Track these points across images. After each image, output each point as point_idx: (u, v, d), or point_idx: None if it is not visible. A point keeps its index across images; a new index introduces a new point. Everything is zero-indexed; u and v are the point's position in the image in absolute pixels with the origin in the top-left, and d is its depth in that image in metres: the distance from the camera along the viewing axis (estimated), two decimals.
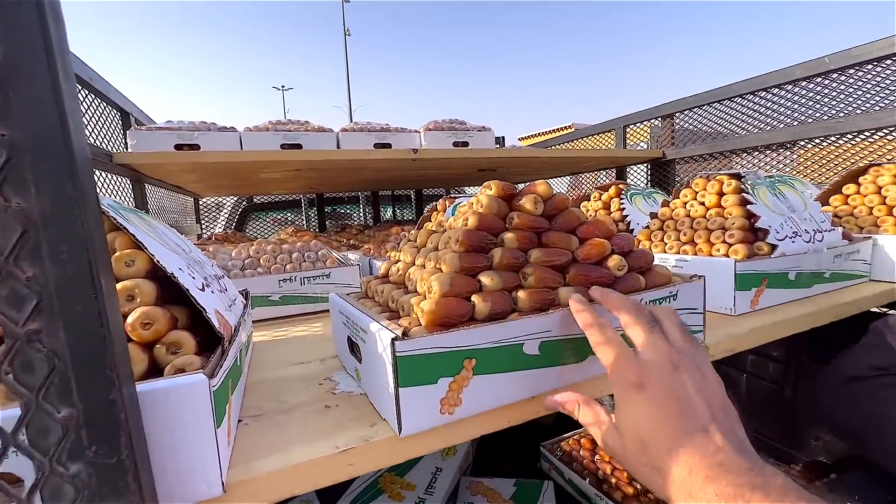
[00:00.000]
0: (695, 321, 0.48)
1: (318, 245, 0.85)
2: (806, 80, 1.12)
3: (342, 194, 2.35)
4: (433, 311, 0.35)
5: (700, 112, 1.44)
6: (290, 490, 0.30)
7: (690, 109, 1.45)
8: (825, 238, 0.68)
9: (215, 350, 0.32)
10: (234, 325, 0.39)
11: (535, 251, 0.43)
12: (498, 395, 0.37)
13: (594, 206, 0.97)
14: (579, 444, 1.23)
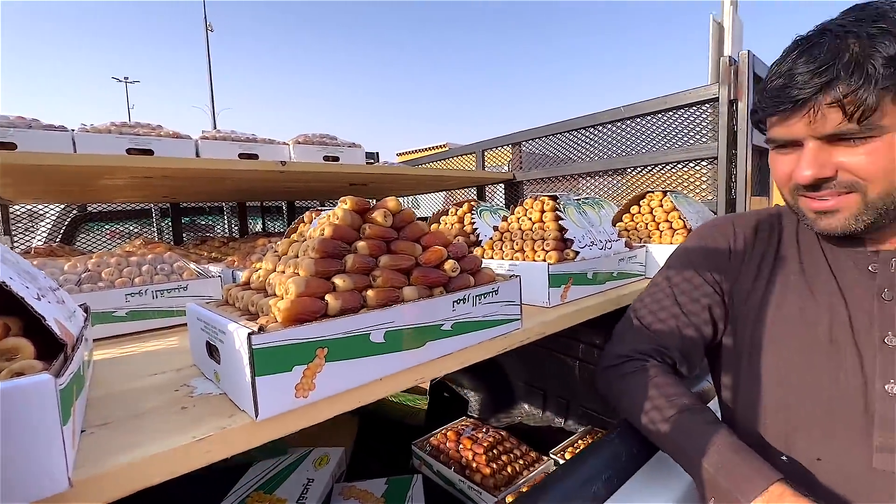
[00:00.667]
0: (513, 311, 0.61)
1: (172, 257, 0.81)
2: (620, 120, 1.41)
3: (203, 204, 2.16)
4: (289, 309, 0.40)
5: (547, 140, 1.70)
6: (144, 481, 0.32)
7: (536, 139, 1.72)
8: (613, 246, 0.90)
9: (56, 358, 0.33)
10: (75, 335, 0.39)
11: (384, 257, 0.51)
12: (349, 379, 0.43)
13: (451, 220, 1.10)
14: (445, 437, 1.35)
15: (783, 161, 0.57)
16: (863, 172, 0.51)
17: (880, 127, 0.49)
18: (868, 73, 0.47)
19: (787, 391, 0.58)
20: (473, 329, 0.56)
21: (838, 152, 0.52)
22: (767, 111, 0.55)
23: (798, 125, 0.52)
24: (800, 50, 0.52)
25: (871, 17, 0.50)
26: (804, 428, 0.57)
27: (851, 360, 0.55)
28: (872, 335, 0.54)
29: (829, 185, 0.53)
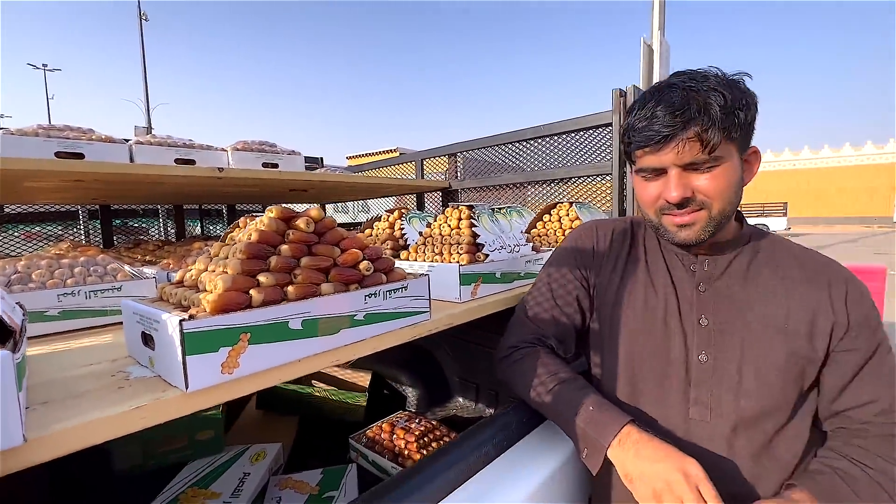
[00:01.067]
0: (422, 304, 0.72)
1: (106, 259, 0.85)
2: (541, 137, 1.56)
3: (137, 207, 2.11)
4: (216, 301, 0.48)
5: (482, 151, 1.84)
6: (85, 441, 0.39)
7: (469, 151, 1.85)
8: (521, 250, 1.04)
9: (7, 341, 0.39)
10: (19, 323, 0.44)
11: (305, 258, 0.60)
12: (269, 360, 0.52)
13: (382, 226, 1.20)
14: (381, 429, 1.43)
15: (650, 186, 0.71)
16: (710, 193, 0.66)
17: (720, 157, 0.65)
18: (711, 116, 0.62)
19: (634, 363, 0.74)
20: (384, 319, 0.66)
21: (693, 178, 0.67)
22: (640, 145, 0.68)
23: (667, 156, 0.66)
24: (656, 99, 0.67)
25: (701, 77, 0.66)
26: (646, 390, 0.73)
27: (678, 338, 0.71)
28: (692, 318, 0.71)
29: (688, 204, 0.68)
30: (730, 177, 0.66)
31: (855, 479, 0.61)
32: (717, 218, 0.68)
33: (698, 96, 0.63)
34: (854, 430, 0.67)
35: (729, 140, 0.64)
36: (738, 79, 0.66)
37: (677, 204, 0.68)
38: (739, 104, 0.63)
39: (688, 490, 0.55)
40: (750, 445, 0.66)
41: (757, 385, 0.66)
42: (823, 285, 0.69)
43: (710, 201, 0.67)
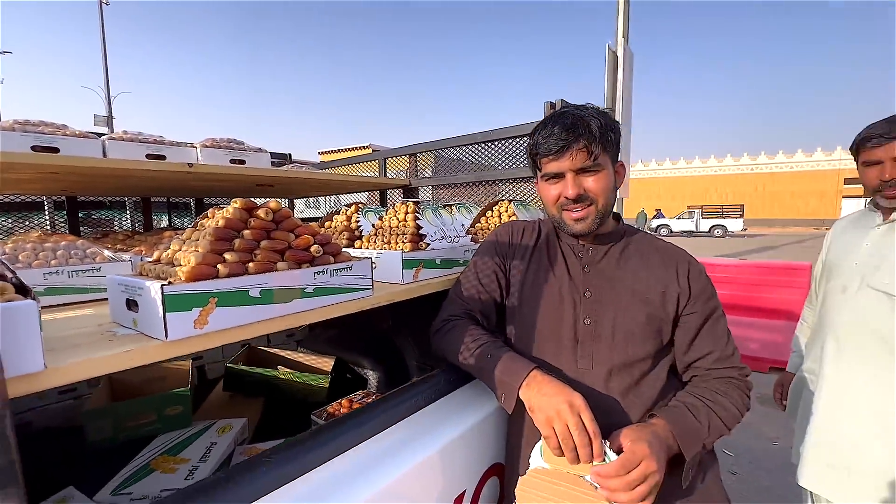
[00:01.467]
0: (365, 282, 0.87)
1: (85, 244, 0.95)
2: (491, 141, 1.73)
3: (104, 198, 2.16)
4: (189, 272, 0.62)
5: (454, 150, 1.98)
6: (91, 372, 0.52)
7: (428, 151, 2.00)
8: (460, 241, 1.19)
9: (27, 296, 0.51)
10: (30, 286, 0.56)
11: (264, 241, 0.73)
12: (233, 320, 0.65)
13: (340, 219, 1.33)
14: (340, 405, 1.57)
15: (552, 187, 0.92)
16: (596, 191, 0.88)
17: (601, 165, 0.87)
18: (593, 133, 0.84)
19: (538, 327, 0.93)
20: (331, 293, 0.80)
21: (583, 180, 0.88)
22: (545, 153, 0.89)
23: (564, 162, 0.87)
24: (553, 121, 0.88)
25: (583, 108, 0.89)
26: (546, 348, 0.91)
27: (569, 307, 0.90)
28: (580, 291, 0.91)
29: (581, 200, 0.88)
30: (608, 180, 0.88)
31: (696, 407, 0.81)
32: (602, 212, 0.89)
33: (583, 120, 0.85)
34: (700, 375, 0.89)
35: (605, 152, 0.86)
36: (607, 111, 0.90)
37: (574, 199, 0.88)
38: (610, 128, 0.86)
39: (571, 416, 0.72)
40: (620, 386, 0.85)
41: (624, 340, 0.87)
42: (672, 266, 0.91)
43: (596, 198, 0.88)
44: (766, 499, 2.25)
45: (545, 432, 0.74)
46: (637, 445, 0.72)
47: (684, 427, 0.78)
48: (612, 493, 0.69)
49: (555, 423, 0.72)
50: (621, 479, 0.69)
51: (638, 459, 0.70)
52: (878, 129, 1.21)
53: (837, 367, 1.29)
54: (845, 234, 1.42)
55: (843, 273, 1.33)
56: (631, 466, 0.70)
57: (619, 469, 0.69)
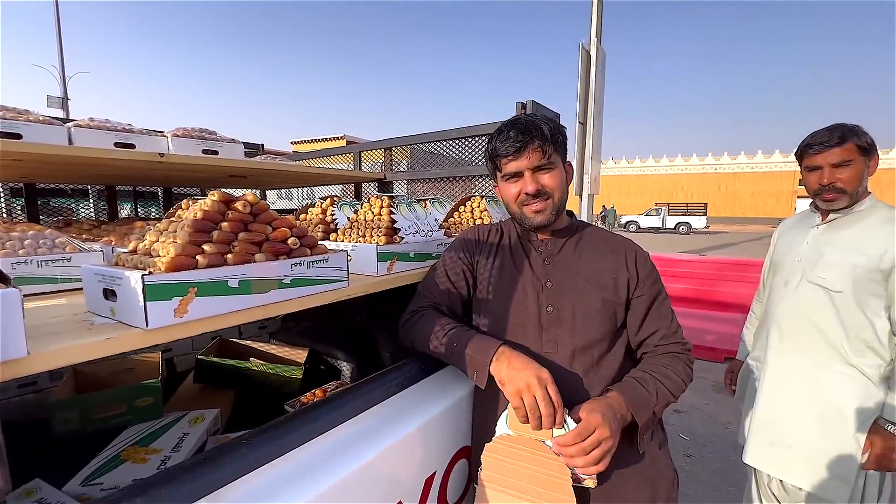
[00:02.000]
0: (341, 274, 0.90)
1: (54, 234, 0.94)
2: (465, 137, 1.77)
3: (65, 186, 2.08)
4: (169, 262, 0.63)
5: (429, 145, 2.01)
6: (72, 359, 0.53)
7: (403, 146, 2.02)
8: (433, 235, 1.24)
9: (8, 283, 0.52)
10: None
11: (242, 233, 0.76)
12: (213, 309, 0.68)
13: (316, 211, 1.35)
14: (314, 395, 1.59)
15: (512, 186, 0.99)
16: (552, 186, 0.96)
17: (554, 163, 0.95)
18: (545, 134, 0.92)
19: (503, 318, 0.99)
20: (309, 284, 0.83)
21: (539, 176, 0.96)
22: (503, 154, 0.96)
23: (522, 161, 0.95)
24: (508, 127, 0.96)
25: (533, 116, 0.97)
26: (511, 335, 0.97)
27: (533, 297, 0.97)
28: (541, 282, 0.99)
29: (540, 195, 0.96)
30: (561, 177, 0.98)
31: (645, 380, 0.90)
32: (557, 205, 0.98)
33: (535, 124, 0.94)
34: (650, 352, 0.98)
35: (556, 152, 0.95)
36: (554, 117, 0.99)
37: (533, 194, 0.95)
38: (558, 130, 0.97)
39: (538, 388, 0.79)
40: (582, 366, 0.93)
41: (584, 324, 0.94)
42: (621, 254, 1.01)
43: (552, 192, 0.97)
44: (718, 479, 2.41)
45: (514, 402, 0.81)
46: (591, 416, 0.80)
47: (635, 396, 0.87)
48: (570, 459, 0.78)
49: (524, 394, 0.80)
50: (577, 447, 0.77)
51: (592, 428, 0.79)
52: (819, 137, 1.33)
53: (779, 354, 1.41)
54: (790, 232, 1.54)
55: (786, 268, 1.45)
56: (586, 434, 0.78)
57: (574, 437, 0.78)
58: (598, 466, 0.78)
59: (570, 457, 0.78)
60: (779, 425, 1.39)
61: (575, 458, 0.77)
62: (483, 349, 0.88)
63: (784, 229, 1.59)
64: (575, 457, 0.77)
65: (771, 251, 1.62)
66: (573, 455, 0.77)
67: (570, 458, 0.78)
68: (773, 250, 1.59)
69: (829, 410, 1.32)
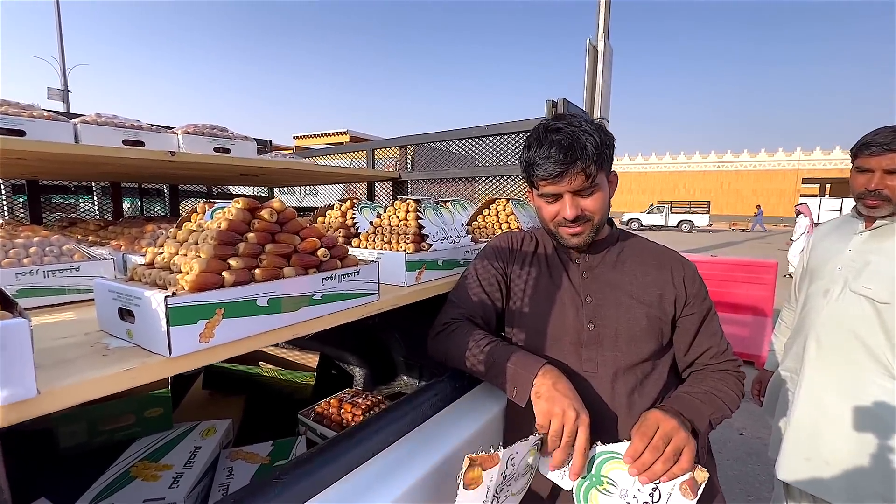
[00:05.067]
0: (372, 287, 0.83)
1: (61, 240, 0.87)
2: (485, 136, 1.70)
3: (68, 183, 2.01)
4: (194, 281, 0.57)
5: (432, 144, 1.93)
6: (87, 395, 0.47)
7: (419, 144, 1.95)
8: (461, 241, 1.17)
9: (13, 311, 0.45)
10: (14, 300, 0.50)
11: (269, 245, 0.69)
12: (240, 331, 0.61)
13: (335, 214, 1.28)
14: (329, 404, 1.53)
15: (550, 207, 0.92)
16: (593, 209, 0.89)
17: (597, 184, 0.87)
18: (589, 154, 0.83)
19: (540, 333, 0.93)
20: (339, 299, 0.76)
21: (580, 200, 0.89)
22: (542, 178, 0.87)
23: (562, 184, 0.87)
24: (549, 141, 0.86)
25: (577, 122, 0.87)
26: (547, 350, 0.91)
27: (572, 314, 0.91)
28: (581, 297, 0.93)
29: (579, 220, 0.89)
30: (603, 197, 0.90)
31: (695, 393, 0.86)
32: (597, 226, 0.91)
33: (579, 141, 0.84)
34: (698, 371, 0.93)
35: (601, 170, 0.87)
36: (601, 123, 0.89)
37: (572, 220, 0.88)
38: (605, 144, 0.87)
39: (572, 426, 0.72)
40: (626, 388, 0.87)
41: (628, 343, 0.88)
42: (667, 268, 0.94)
43: (592, 215, 0.89)
44: (735, 488, 2.36)
45: (539, 421, 0.75)
46: (647, 417, 0.77)
47: (688, 407, 0.82)
48: (649, 470, 0.70)
49: (554, 418, 0.73)
50: (648, 448, 0.71)
51: (653, 425, 0.74)
52: (879, 138, 1.24)
53: (817, 367, 1.34)
54: (827, 238, 1.46)
55: (825, 277, 1.38)
56: (651, 432, 0.73)
57: (641, 439, 0.72)
58: (681, 464, 0.70)
59: (645, 464, 0.70)
60: (816, 440, 1.33)
61: (652, 462, 0.70)
62: (527, 364, 0.81)
63: (820, 236, 1.51)
64: (651, 461, 0.70)
65: (806, 258, 1.55)
66: (648, 460, 0.70)
67: (647, 466, 0.70)
68: (809, 257, 1.52)
69: (870, 426, 1.25)
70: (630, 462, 0.72)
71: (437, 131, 1.87)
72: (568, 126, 0.86)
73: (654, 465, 0.70)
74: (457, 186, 1.93)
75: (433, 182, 1.96)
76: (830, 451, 1.30)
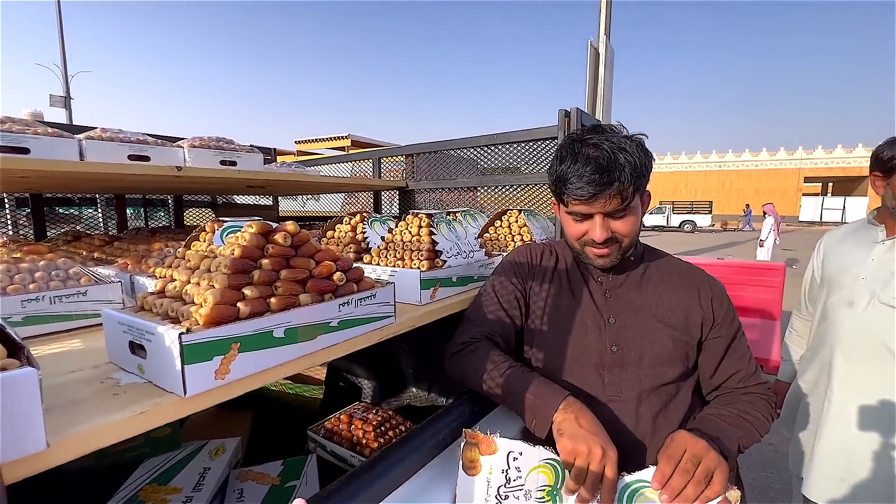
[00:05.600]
0: (388, 310, 0.80)
1: (67, 263, 0.85)
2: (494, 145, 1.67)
3: (73, 195, 1.99)
4: (208, 315, 0.54)
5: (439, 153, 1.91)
6: (98, 443, 0.44)
7: (426, 153, 1.92)
8: (475, 255, 1.14)
9: (20, 356, 0.43)
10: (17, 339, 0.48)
11: (284, 271, 0.66)
12: (257, 365, 0.58)
13: (344, 228, 1.25)
14: (339, 420, 1.50)
15: (579, 225, 0.87)
16: (624, 232, 0.85)
17: (632, 207, 0.83)
18: (627, 176, 0.79)
19: (561, 354, 0.90)
20: (356, 325, 0.73)
21: (611, 222, 0.84)
22: (574, 198, 0.82)
23: (595, 206, 0.82)
24: (585, 158, 0.81)
25: (616, 140, 0.82)
26: (571, 375, 0.88)
27: (594, 335, 0.88)
28: (604, 317, 0.89)
29: (607, 242, 0.85)
30: (636, 219, 0.86)
31: (723, 415, 0.83)
32: (626, 249, 0.88)
33: (617, 164, 0.79)
34: (726, 394, 0.90)
35: (636, 192, 0.82)
36: (641, 140, 0.85)
37: (602, 242, 0.85)
38: (643, 166, 0.82)
39: (598, 465, 0.68)
40: (651, 412, 0.84)
41: (653, 366, 0.85)
42: (694, 290, 0.91)
43: (623, 238, 0.86)
44: (750, 497, 2.32)
45: (564, 458, 0.71)
46: (673, 439, 0.73)
47: (716, 429, 0.79)
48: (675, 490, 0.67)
49: (577, 457, 0.69)
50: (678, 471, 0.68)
51: (681, 448, 0.71)
52: None
53: (847, 381, 1.30)
54: (843, 246, 1.41)
55: (845, 287, 1.34)
56: (678, 454, 0.70)
57: (668, 462, 0.69)
58: (714, 486, 0.67)
59: (676, 489, 0.67)
60: (849, 459, 1.28)
61: (683, 487, 0.67)
62: (547, 395, 0.78)
63: (833, 243, 1.46)
64: (681, 485, 0.67)
65: (817, 266, 1.50)
66: (679, 485, 0.67)
67: (678, 491, 0.67)
68: (822, 266, 1.47)
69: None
70: (658, 487, 0.68)
71: (443, 140, 1.85)
72: (606, 142, 0.80)
73: (685, 489, 0.67)
74: (462, 195, 1.90)
75: (439, 191, 1.93)
76: (865, 469, 1.26)
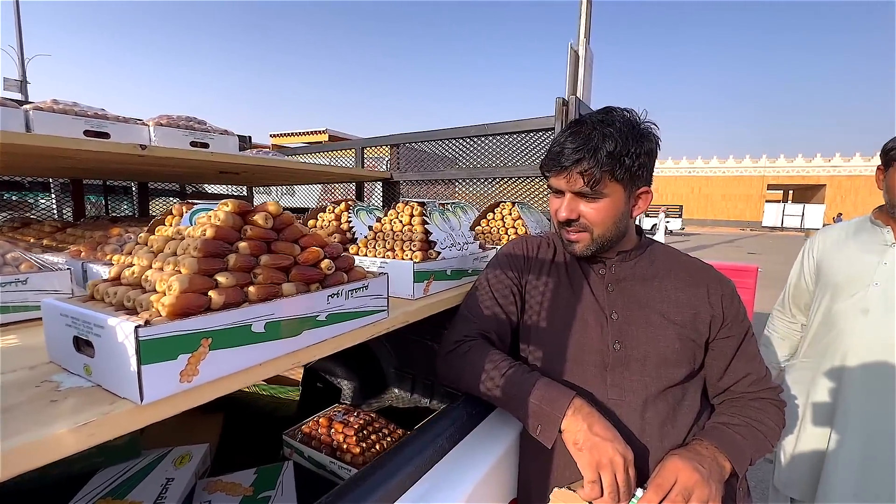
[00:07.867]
0: (381, 303, 0.72)
1: (4, 246, 0.73)
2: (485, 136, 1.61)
3: (22, 179, 1.81)
4: (173, 304, 0.45)
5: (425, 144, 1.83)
6: (31, 463, 0.35)
7: (413, 143, 1.84)
8: (469, 248, 1.07)
9: None
10: None
11: (264, 256, 0.57)
12: (231, 365, 0.49)
13: (328, 217, 1.16)
14: (318, 423, 1.40)
15: (555, 202, 0.85)
16: (592, 219, 0.81)
17: (603, 193, 0.78)
18: (598, 159, 0.75)
19: (560, 352, 0.84)
20: (346, 319, 0.65)
21: (581, 203, 0.80)
22: (547, 168, 0.83)
23: (563, 181, 0.80)
24: (570, 132, 0.79)
25: (609, 121, 0.78)
26: (572, 375, 0.82)
27: (595, 331, 0.82)
28: (605, 313, 0.84)
29: (572, 224, 0.82)
30: (611, 210, 0.80)
31: (736, 425, 0.78)
32: (599, 241, 0.83)
33: (591, 139, 0.76)
34: (735, 399, 0.85)
35: (613, 180, 0.77)
36: (645, 129, 0.80)
37: (564, 222, 0.82)
38: (627, 152, 0.76)
39: (622, 471, 0.66)
40: (658, 417, 0.79)
41: (658, 367, 0.80)
42: (703, 286, 0.86)
43: (591, 226, 0.81)
44: None
45: (590, 476, 0.67)
46: (665, 466, 0.70)
47: (728, 443, 0.75)
48: None
49: (604, 469, 0.66)
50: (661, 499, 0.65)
51: (670, 474, 0.68)
52: None
53: (864, 393, 1.25)
54: (845, 249, 1.34)
55: (856, 293, 1.27)
56: (667, 487, 0.66)
57: (655, 490, 0.66)
58: None
59: None
60: (866, 476, 1.23)
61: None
62: (552, 399, 0.72)
63: (830, 244, 1.38)
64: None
65: (810, 270, 1.43)
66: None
67: None
68: (819, 270, 1.39)
69: None
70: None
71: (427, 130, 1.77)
72: (597, 122, 0.78)
73: None
74: (449, 188, 1.83)
75: (423, 184, 1.85)
76: (885, 484, 1.21)
